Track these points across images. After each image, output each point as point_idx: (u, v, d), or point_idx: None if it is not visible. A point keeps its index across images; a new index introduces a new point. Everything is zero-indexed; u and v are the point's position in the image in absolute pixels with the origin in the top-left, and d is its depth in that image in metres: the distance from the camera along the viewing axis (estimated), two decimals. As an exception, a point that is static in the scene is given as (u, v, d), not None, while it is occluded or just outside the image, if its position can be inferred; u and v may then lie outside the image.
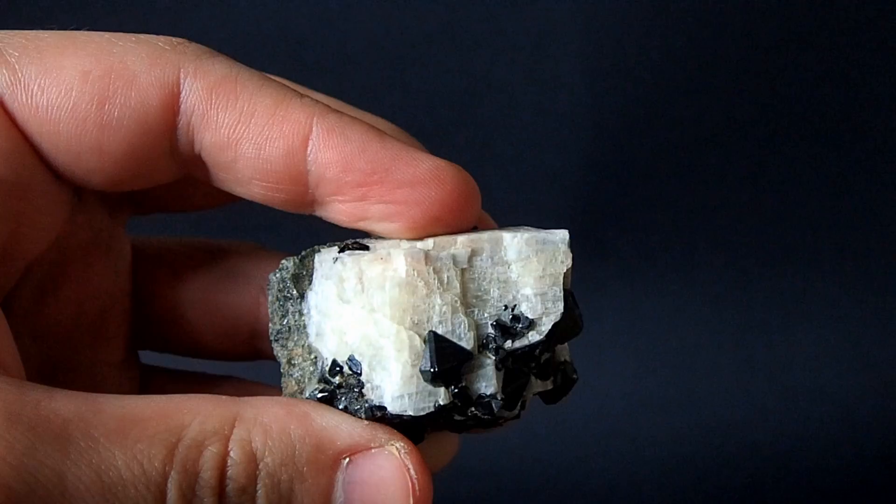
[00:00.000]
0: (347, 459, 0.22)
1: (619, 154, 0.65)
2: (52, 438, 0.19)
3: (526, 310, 0.24)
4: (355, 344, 0.23)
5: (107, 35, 0.23)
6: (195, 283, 0.29)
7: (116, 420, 0.20)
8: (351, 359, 0.23)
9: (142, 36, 0.24)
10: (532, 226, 0.27)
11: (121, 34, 0.24)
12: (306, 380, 0.24)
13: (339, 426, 0.22)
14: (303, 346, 0.25)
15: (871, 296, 0.67)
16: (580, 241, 0.73)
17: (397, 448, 0.22)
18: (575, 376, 0.26)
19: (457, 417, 0.23)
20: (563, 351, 0.26)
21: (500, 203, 0.68)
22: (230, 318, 0.29)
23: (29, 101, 0.23)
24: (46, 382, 0.26)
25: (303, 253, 0.25)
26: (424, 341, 0.23)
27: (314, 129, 0.23)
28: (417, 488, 0.22)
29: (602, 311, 0.66)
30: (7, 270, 0.24)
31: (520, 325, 0.24)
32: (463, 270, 0.24)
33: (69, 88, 0.23)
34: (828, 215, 0.67)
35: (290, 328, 0.25)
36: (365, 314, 0.23)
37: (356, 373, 0.23)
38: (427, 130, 0.65)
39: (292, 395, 0.24)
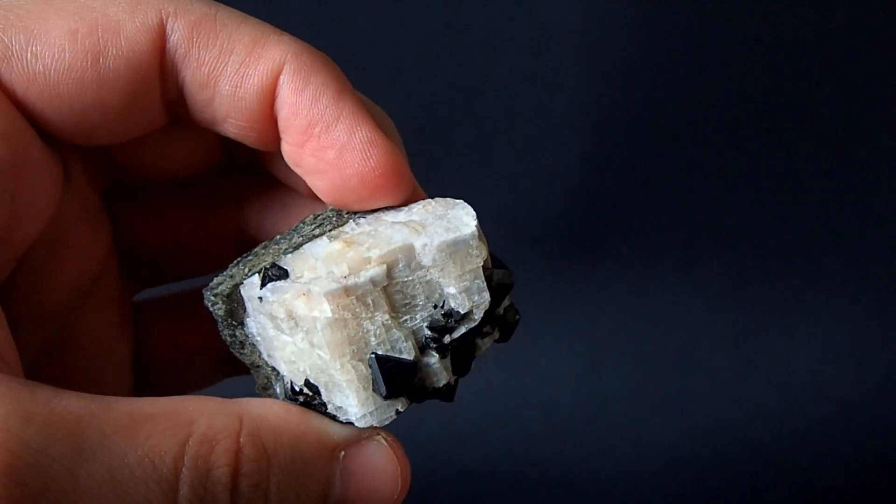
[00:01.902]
0: (343, 452, 0.23)
1: (618, 154, 0.65)
2: (65, 436, 0.19)
3: (455, 305, 0.24)
4: (308, 371, 0.24)
5: None
6: (172, 216, 0.29)
7: (126, 417, 0.20)
8: (307, 383, 0.24)
9: None
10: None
11: None
12: (273, 382, 0.25)
13: (332, 424, 0.23)
14: (259, 355, 0.25)
15: (871, 296, 0.67)
16: (580, 241, 0.73)
17: (384, 438, 0.24)
18: (517, 317, 0.26)
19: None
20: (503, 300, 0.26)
21: (501, 203, 0.68)
22: (212, 239, 0.29)
23: (25, 70, 0.23)
24: (49, 358, 0.27)
25: (226, 291, 0.25)
26: (369, 366, 0.24)
27: (286, 67, 0.24)
28: (403, 472, 0.24)
29: (602, 311, 0.66)
30: (5, 255, 0.24)
31: (453, 321, 0.24)
32: (384, 287, 0.24)
33: (61, 50, 0.23)
34: (828, 215, 0.67)
35: (241, 342, 0.25)
36: (308, 347, 0.24)
37: (316, 394, 0.24)
38: (427, 130, 0.65)
39: (265, 388, 0.26)
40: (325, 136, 0.24)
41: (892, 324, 0.66)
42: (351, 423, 0.24)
